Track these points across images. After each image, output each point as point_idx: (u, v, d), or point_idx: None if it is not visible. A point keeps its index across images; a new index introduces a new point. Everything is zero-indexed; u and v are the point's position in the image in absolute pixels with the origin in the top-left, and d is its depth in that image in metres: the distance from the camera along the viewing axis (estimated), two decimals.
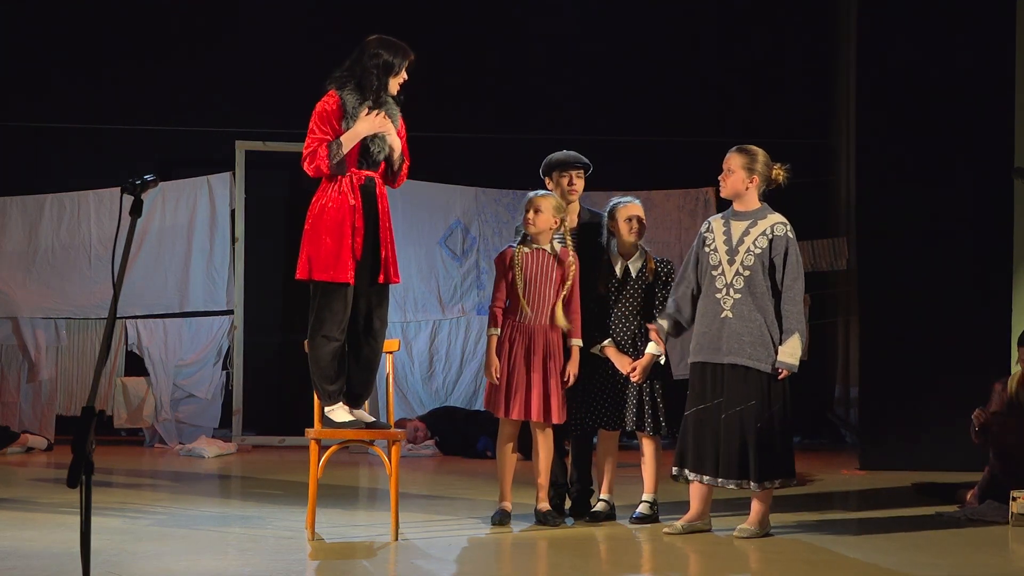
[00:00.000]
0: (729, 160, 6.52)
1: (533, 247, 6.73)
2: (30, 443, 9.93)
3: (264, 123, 10.54)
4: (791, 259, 6.41)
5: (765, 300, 6.39)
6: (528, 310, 6.65)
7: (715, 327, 6.43)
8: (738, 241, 6.45)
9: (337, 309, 6.12)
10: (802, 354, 6.46)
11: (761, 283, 6.39)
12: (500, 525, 6.63)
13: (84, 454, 3.80)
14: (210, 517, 6.89)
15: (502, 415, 6.68)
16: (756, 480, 6.36)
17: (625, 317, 6.86)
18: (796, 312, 6.39)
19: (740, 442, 6.36)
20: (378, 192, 6.19)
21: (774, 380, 6.38)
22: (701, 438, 6.45)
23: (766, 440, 6.35)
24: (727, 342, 6.39)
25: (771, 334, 6.37)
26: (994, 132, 9.11)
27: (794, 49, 11.26)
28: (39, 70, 10.91)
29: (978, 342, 9.05)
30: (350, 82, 6.14)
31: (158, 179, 4.51)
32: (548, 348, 6.66)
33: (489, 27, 11.15)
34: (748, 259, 6.41)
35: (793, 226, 6.55)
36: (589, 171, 7.05)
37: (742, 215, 6.50)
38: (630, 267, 6.88)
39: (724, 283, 6.43)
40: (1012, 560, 6.26)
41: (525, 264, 6.69)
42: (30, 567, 5.41)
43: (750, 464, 6.35)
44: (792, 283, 6.40)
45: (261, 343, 10.78)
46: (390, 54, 6.19)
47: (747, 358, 6.36)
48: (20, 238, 10.47)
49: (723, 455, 6.39)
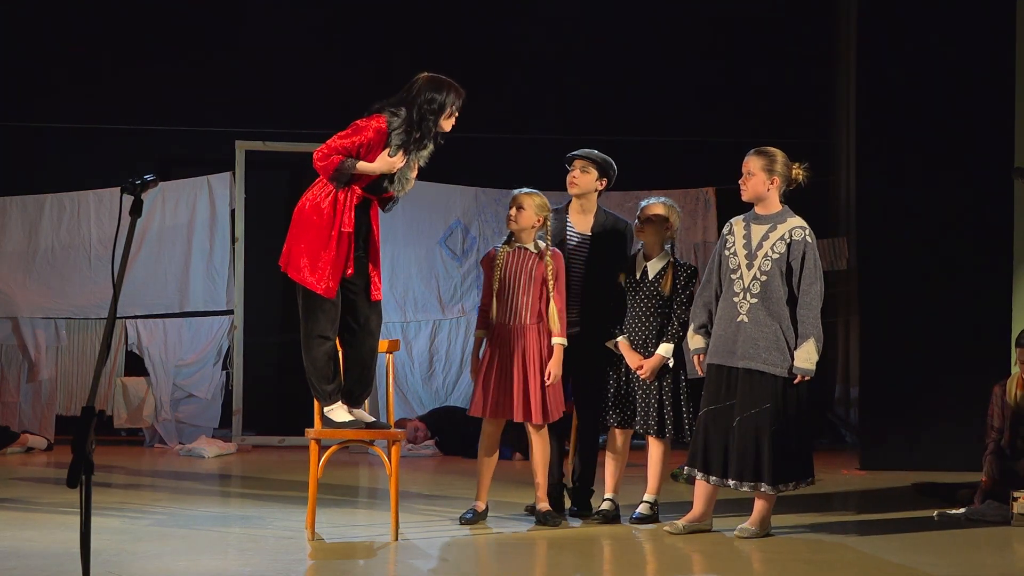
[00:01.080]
0: (748, 163, 6.50)
1: (516, 246, 6.74)
2: (30, 443, 9.93)
3: (264, 123, 10.54)
4: (808, 264, 6.38)
5: (781, 305, 6.37)
6: (494, 310, 6.66)
7: (731, 330, 6.42)
8: (757, 245, 6.43)
9: (328, 308, 6.13)
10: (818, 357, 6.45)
11: (778, 288, 6.37)
12: (470, 523, 6.65)
13: (84, 454, 3.80)
14: (210, 517, 6.89)
15: (479, 415, 6.70)
16: (770, 483, 6.37)
17: (639, 317, 6.86)
18: (812, 317, 6.37)
19: (755, 445, 6.36)
20: (372, 213, 6.22)
21: (789, 385, 6.37)
22: (712, 439, 6.45)
23: (781, 443, 6.35)
24: (742, 346, 6.38)
25: (787, 339, 6.36)
26: (994, 132, 9.11)
27: (794, 49, 11.25)
28: (39, 70, 10.90)
29: (978, 342, 9.05)
30: (401, 118, 6.11)
31: (158, 179, 4.51)
32: (528, 347, 6.65)
33: (489, 27, 11.14)
34: (766, 264, 6.40)
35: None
36: (606, 171, 7.00)
37: (763, 218, 6.48)
38: (648, 268, 6.88)
39: (742, 287, 6.42)
40: (1013, 560, 6.26)
41: (505, 263, 6.70)
42: (30, 567, 5.42)
43: (764, 467, 6.35)
44: (808, 288, 6.37)
45: (261, 343, 10.77)
46: (443, 95, 6.18)
47: (762, 363, 6.35)
48: (20, 238, 10.46)
49: (736, 458, 6.38)
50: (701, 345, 6.56)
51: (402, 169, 6.14)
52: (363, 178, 6.10)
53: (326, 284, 6.06)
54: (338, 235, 6.07)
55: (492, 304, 6.69)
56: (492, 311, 6.70)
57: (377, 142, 6.06)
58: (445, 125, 6.21)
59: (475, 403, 6.72)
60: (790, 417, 6.36)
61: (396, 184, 6.17)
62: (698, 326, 6.59)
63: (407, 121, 6.12)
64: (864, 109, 9.50)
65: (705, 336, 6.55)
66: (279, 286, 10.87)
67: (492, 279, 6.71)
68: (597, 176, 6.99)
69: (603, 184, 7.02)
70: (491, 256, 6.78)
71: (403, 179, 6.17)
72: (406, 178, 6.18)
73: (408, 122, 6.12)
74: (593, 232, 7.00)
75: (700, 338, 6.57)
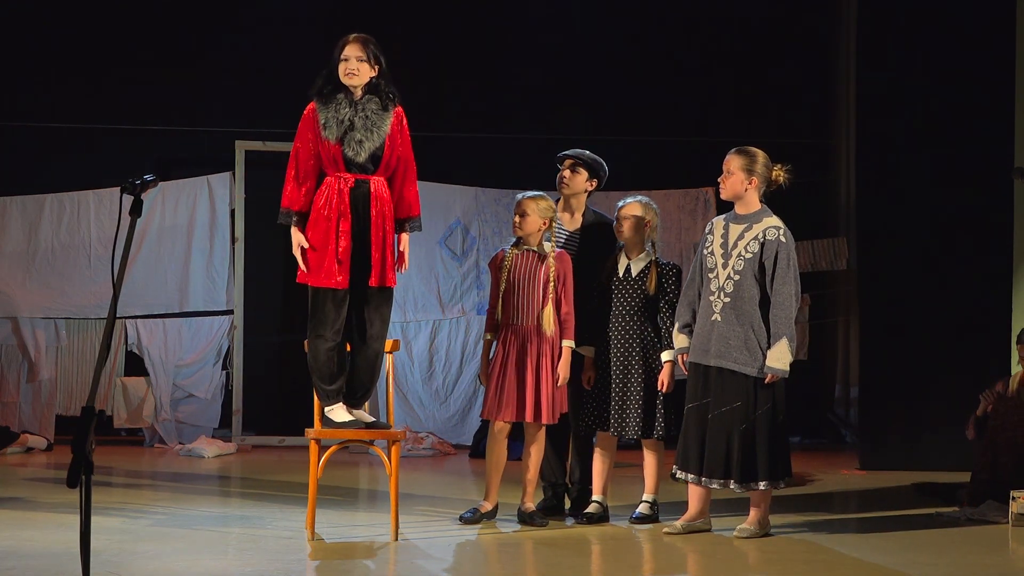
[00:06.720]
0: (728, 162, 6.53)
1: (523, 248, 6.76)
2: (30, 443, 9.93)
3: (264, 123, 10.54)
4: (781, 263, 6.38)
5: (752, 305, 6.39)
6: (500, 312, 6.68)
7: (706, 329, 6.46)
8: (732, 245, 6.46)
9: (328, 311, 6.13)
10: (800, 355, 6.46)
11: (750, 288, 6.39)
12: (470, 523, 6.65)
13: (84, 454, 3.80)
14: (210, 517, 6.89)
15: (492, 417, 6.70)
16: (738, 481, 6.39)
17: (622, 316, 6.86)
18: (784, 317, 6.37)
19: (725, 443, 6.39)
20: (373, 194, 6.18)
21: (761, 384, 6.38)
22: (691, 437, 6.49)
23: (749, 442, 6.37)
24: (715, 345, 6.42)
25: (757, 339, 6.37)
26: (994, 132, 9.11)
27: (794, 49, 11.25)
28: (39, 70, 10.90)
29: (978, 342, 9.05)
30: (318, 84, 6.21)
31: (158, 179, 4.51)
32: (539, 349, 6.66)
33: (489, 27, 11.15)
34: (739, 264, 6.42)
35: (793, 226, 6.54)
36: (597, 172, 7.02)
37: (741, 218, 6.51)
38: (632, 267, 6.89)
39: (717, 286, 6.45)
40: (1012, 560, 6.26)
41: (513, 266, 6.71)
42: (30, 567, 5.42)
43: (732, 465, 6.38)
44: (780, 287, 6.37)
45: (261, 343, 10.78)
46: (335, 49, 6.20)
47: (732, 362, 6.38)
48: (20, 238, 10.47)
49: (708, 455, 6.43)
50: (684, 344, 6.58)
51: (351, 133, 6.12)
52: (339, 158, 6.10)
53: (332, 278, 6.07)
54: (336, 224, 6.08)
55: (499, 306, 6.70)
56: (498, 313, 6.70)
57: (311, 124, 6.14)
58: (341, 75, 6.15)
59: (486, 405, 6.73)
60: (761, 417, 6.37)
61: (351, 149, 6.13)
62: (682, 325, 6.61)
63: (323, 79, 6.19)
64: (864, 109, 9.49)
65: (689, 335, 6.57)
66: (279, 286, 10.89)
67: (499, 281, 6.72)
68: (587, 176, 7.02)
69: (593, 185, 7.05)
70: (499, 258, 6.79)
71: (359, 144, 6.14)
72: (356, 140, 6.14)
73: (323, 80, 6.20)
74: (581, 230, 7.02)
75: (684, 337, 6.59)
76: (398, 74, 6.42)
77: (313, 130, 6.14)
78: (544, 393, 6.63)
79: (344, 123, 6.11)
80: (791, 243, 6.45)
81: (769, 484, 6.41)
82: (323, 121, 6.11)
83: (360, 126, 6.12)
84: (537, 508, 6.81)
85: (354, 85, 6.14)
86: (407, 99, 6.35)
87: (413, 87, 6.24)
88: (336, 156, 6.10)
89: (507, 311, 6.70)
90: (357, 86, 6.15)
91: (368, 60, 6.15)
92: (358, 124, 6.12)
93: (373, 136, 6.13)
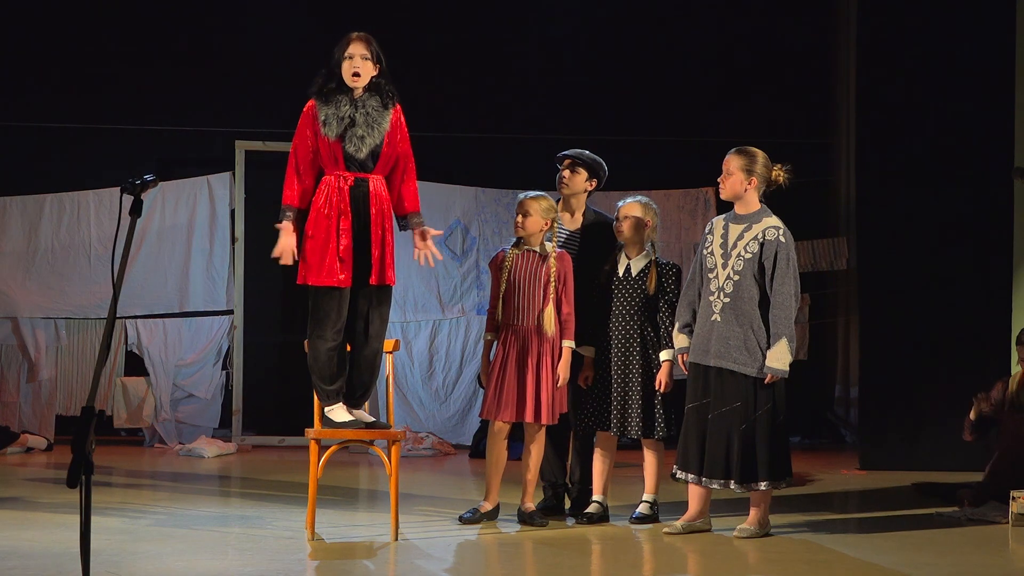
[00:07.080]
0: (728, 162, 6.53)
1: (523, 248, 6.76)
2: (30, 443, 9.93)
3: (264, 123, 10.54)
4: (780, 263, 6.38)
5: (752, 306, 6.39)
6: (500, 312, 6.67)
7: (706, 329, 6.47)
8: (732, 245, 6.46)
9: (328, 311, 6.14)
10: (800, 355, 6.46)
11: (750, 288, 6.39)
12: (470, 523, 6.65)
13: (84, 454, 3.80)
14: (210, 517, 6.89)
15: (491, 417, 6.69)
16: (738, 481, 6.39)
17: (622, 316, 6.86)
18: (784, 317, 6.37)
19: (725, 443, 6.39)
20: (372, 192, 6.19)
21: (761, 384, 6.38)
22: (691, 437, 6.49)
23: (749, 442, 6.37)
24: (715, 345, 6.42)
25: (757, 340, 6.38)
26: (994, 132, 9.11)
27: (794, 49, 11.25)
28: (39, 70, 10.90)
29: (978, 342, 9.05)
30: (318, 83, 6.22)
31: (158, 179, 4.51)
32: (539, 349, 6.66)
33: (489, 27, 11.15)
34: (738, 264, 6.42)
35: (793, 226, 6.54)
36: (596, 172, 7.02)
37: (741, 218, 6.51)
38: (632, 266, 6.89)
39: (717, 286, 6.46)
40: (1012, 560, 6.26)
41: (514, 266, 6.71)
42: (30, 567, 5.42)
43: (732, 465, 6.38)
44: (780, 287, 6.38)
45: (261, 343, 10.78)
46: (336, 49, 6.21)
47: (732, 362, 6.38)
48: (20, 238, 10.47)
49: (708, 455, 6.43)
50: (685, 344, 6.59)
51: (352, 129, 6.13)
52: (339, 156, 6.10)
53: (333, 277, 6.08)
54: (336, 223, 6.10)
55: (499, 307, 6.70)
56: (499, 314, 6.70)
57: (309, 121, 6.15)
58: (345, 73, 6.16)
59: (486, 405, 6.72)
60: (761, 417, 6.37)
61: (352, 145, 6.14)
62: (682, 325, 6.61)
63: (323, 77, 6.20)
64: (864, 109, 9.49)
65: (689, 335, 6.57)
66: (279, 286, 10.89)
67: (499, 281, 6.72)
68: (587, 176, 7.02)
69: (592, 185, 7.06)
70: (499, 259, 6.79)
71: (360, 140, 6.15)
72: (357, 136, 6.15)
73: (324, 79, 6.21)
74: (581, 230, 7.02)
75: (684, 337, 6.60)
76: (398, 74, 6.43)
77: (312, 127, 6.16)
78: (544, 393, 6.63)
79: (345, 120, 6.13)
80: (791, 243, 6.45)
81: (770, 484, 6.41)
82: (323, 118, 6.13)
83: (361, 123, 6.14)
84: (537, 508, 6.82)
85: (358, 83, 6.16)
86: (407, 99, 6.36)
87: (413, 87, 6.25)
88: (336, 153, 6.12)
89: (507, 311, 6.71)
90: (361, 84, 6.16)
91: (371, 58, 6.18)
92: (359, 121, 6.14)
93: (374, 132, 6.16)
